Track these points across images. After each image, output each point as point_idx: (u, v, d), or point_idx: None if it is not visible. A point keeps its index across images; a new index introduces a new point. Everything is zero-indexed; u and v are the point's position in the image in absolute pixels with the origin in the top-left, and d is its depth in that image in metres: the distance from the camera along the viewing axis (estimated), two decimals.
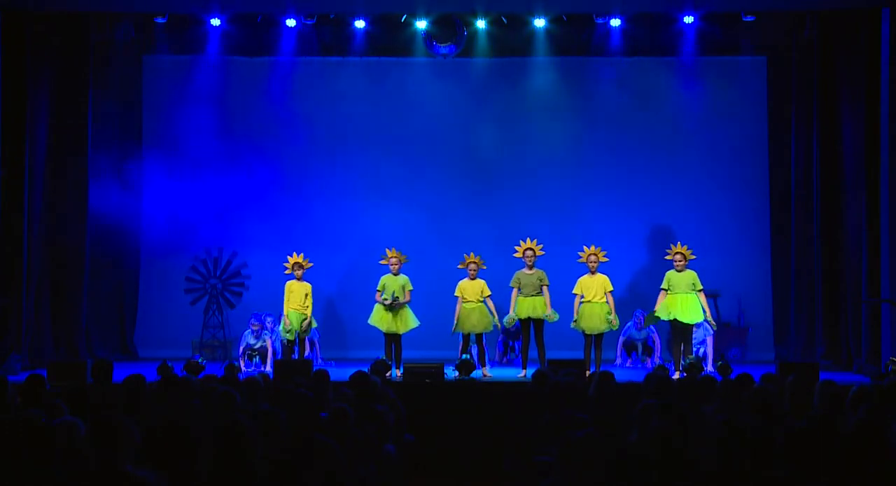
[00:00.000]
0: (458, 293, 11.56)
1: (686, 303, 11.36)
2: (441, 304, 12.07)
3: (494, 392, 10.56)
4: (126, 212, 13.44)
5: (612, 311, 11.44)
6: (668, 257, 11.69)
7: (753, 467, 5.36)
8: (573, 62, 14.11)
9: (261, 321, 12.44)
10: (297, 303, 11.72)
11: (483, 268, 11.68)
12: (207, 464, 5.10)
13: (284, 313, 11.75)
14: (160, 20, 13.28)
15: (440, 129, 14.19)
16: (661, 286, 11.53)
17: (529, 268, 11.56)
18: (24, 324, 12.26)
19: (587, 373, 10.35)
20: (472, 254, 11.68)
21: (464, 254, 11.74)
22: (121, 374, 7.53)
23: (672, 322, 11.46)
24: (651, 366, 12.17)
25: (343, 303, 14.00)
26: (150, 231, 13.77)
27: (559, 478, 5.17)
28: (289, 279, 11.82)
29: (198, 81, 13.93)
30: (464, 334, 11.51)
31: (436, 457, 9.69)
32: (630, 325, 12.81)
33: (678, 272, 11.49)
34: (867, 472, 5.06)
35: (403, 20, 13.31)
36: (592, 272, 11.58)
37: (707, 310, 11.51)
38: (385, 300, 11.50)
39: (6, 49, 12.13)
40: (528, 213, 13.94)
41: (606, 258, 11.70)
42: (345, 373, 8.39)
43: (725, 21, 13.37)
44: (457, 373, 10.72)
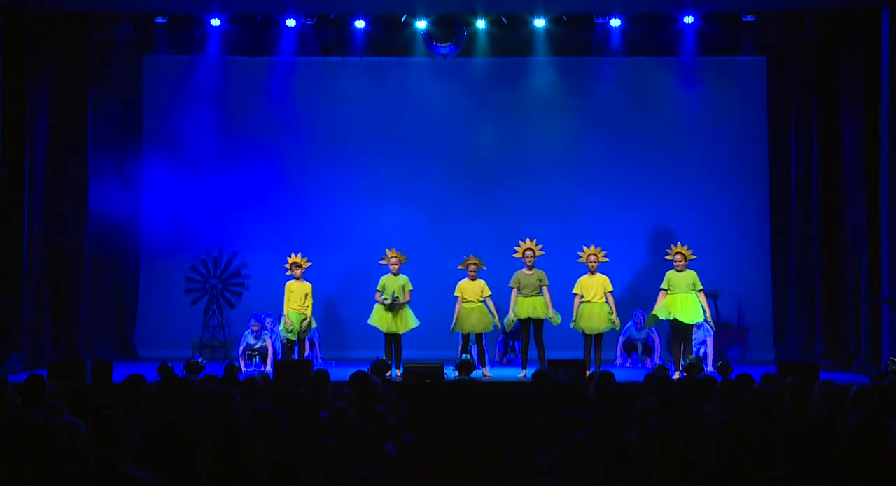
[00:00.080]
0: (458, 293, 11.57)
1: (686, 303, 11.36)
2: (441, 304, 12.07)
3: (494, 392, 10.56)
4: (126, 212, 13.45)
5: (614, 311, 11.45)
6: (668, 256, 11.68)
7: (753, 467, 5.36)
8: (573, 62, 14.11)
9: (260, 321, 12.45)
10: (297, 303, 11.72)
11: (483, 268, 11.69)
12: (207, 464, 5.09)
13: (284, 313, 11.75)
14: (160, 20, 13.28)
15: (440, 129, 14.19)
16: (661, 286, 11.53)
17: (529, 268, 11.56)
18: (24, 324, 12.26)
19: (587, 373, 10.34)
20: (473, 255, 11.68)
21: (464, 255, 11.75)
22: (121, 374, 7.53)
23: (672, 322, 11.45)
24: (651, 366, 12.17)
25: (343, 303, 14.00)
26: (150, 231, 13.78)
27: (559, 478, 5.17)
28: (289, 279, 11.84)
29: (198, 81, 13.94)
30: (463, 333, 11.51)
31: (436, 457, 9.69)
32: (630, 325, 12.81)
33: (678, 272, 11.48)
34: (867, 472, 5.05)
35: (403, 20, 13.31)
36: (592, 272, 11.58)
37: (707, 310, 11.51)
38: (385, 300, 11.49)
39: (6, 49, 12.14)
40: (528, 213, 13.94)
41: (606, 258, 11.70)
42: (345, 373, 8.38)
43: (725, 21, 13.37)
44: (457, 373, 10.72)
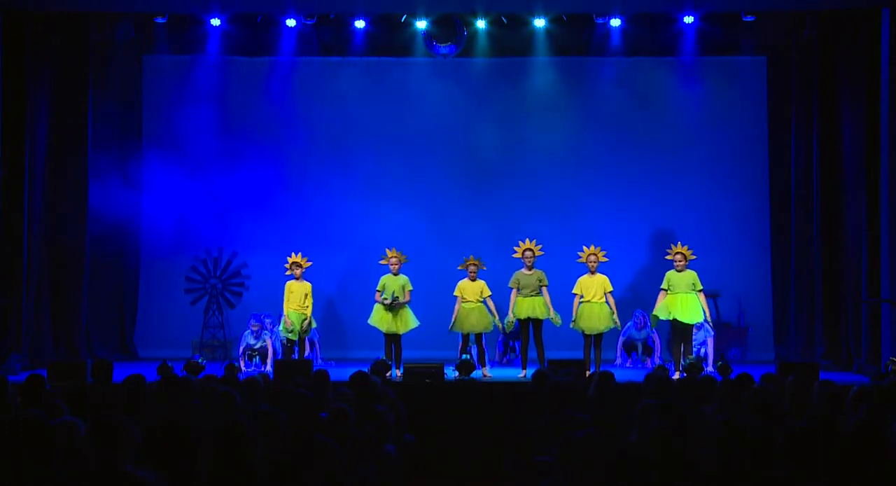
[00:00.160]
0: (458, 293, 11.56)
1: (686, 303, 11.36)
2: (441, 304, 12.06)
3: (494, 392, 10.56)
4: (126, 212, 13.44)
5: (615, 311, 11.45)
6: (669, 256, 11.68)
7: (753, 467, 5.36)
8: (573, 62, 14.11)
9: (260, 322, 12.45)
10: (297, 303, 11.72)
11: (483, 269, 11.68)
12: (207, 464, 5.09)
13: (284, 313, 11.75)
14: (160, 20, 13.28)
15: (440, 129, 14.19)
16: (661, 286, 11.53)
17: (528, 268, 11.56)
18: (24, 324, 12.26)
19: (587, 373, 10.34)
20: (473, 256, 11.68)
21: (464, 255, 11.75)
22: (121, 374, 7.54)
23: (672, 322, 11.45)
24: (651, 366, 12.16)
25: (343, 303, 14.00)
26: (150, 231, 13.78)
27: (559, 478, 5.17)
28: (289, 279, 11.84)
29: (198, 81, 13.94)
30: (463, 333, 11.51)
31: (436, 457, 9.69)
32: (630, 325, 12.81)
33: (678, 272, 11.48)
34: (867, 472, 5.05)
35: (403, 20, 13.31)
36: (592, 272, 11.58)
37: (707, 311, 11.51)
38: (385, 300, 11.49)
39: (6, 49, 12.14)
40: (528, 213, 13.94)
41: (606, 258, 11.70)
42: (345, 373, 8.38)
43: (725, 21, 13.37)
44: (457, 373, 10.72)
